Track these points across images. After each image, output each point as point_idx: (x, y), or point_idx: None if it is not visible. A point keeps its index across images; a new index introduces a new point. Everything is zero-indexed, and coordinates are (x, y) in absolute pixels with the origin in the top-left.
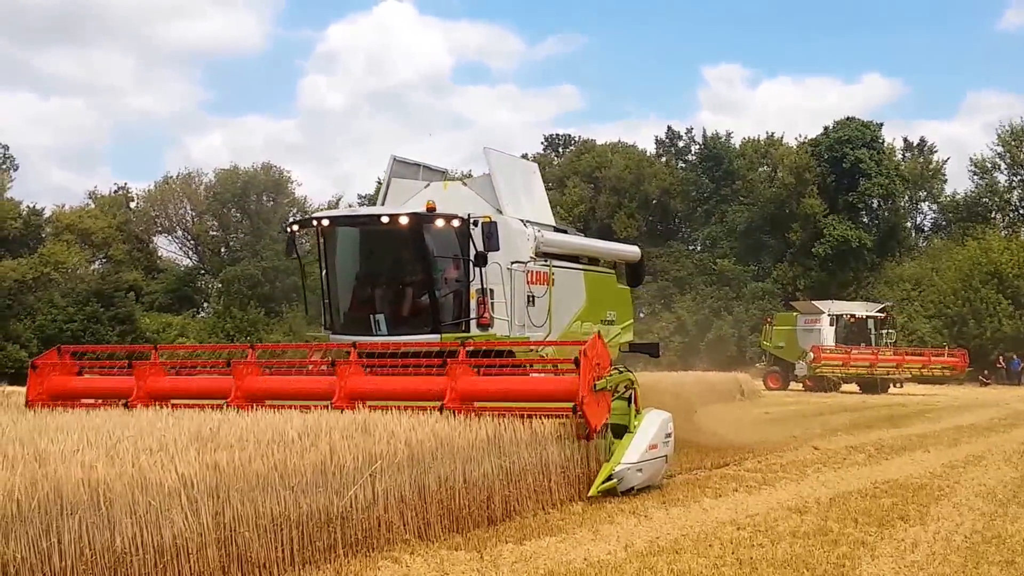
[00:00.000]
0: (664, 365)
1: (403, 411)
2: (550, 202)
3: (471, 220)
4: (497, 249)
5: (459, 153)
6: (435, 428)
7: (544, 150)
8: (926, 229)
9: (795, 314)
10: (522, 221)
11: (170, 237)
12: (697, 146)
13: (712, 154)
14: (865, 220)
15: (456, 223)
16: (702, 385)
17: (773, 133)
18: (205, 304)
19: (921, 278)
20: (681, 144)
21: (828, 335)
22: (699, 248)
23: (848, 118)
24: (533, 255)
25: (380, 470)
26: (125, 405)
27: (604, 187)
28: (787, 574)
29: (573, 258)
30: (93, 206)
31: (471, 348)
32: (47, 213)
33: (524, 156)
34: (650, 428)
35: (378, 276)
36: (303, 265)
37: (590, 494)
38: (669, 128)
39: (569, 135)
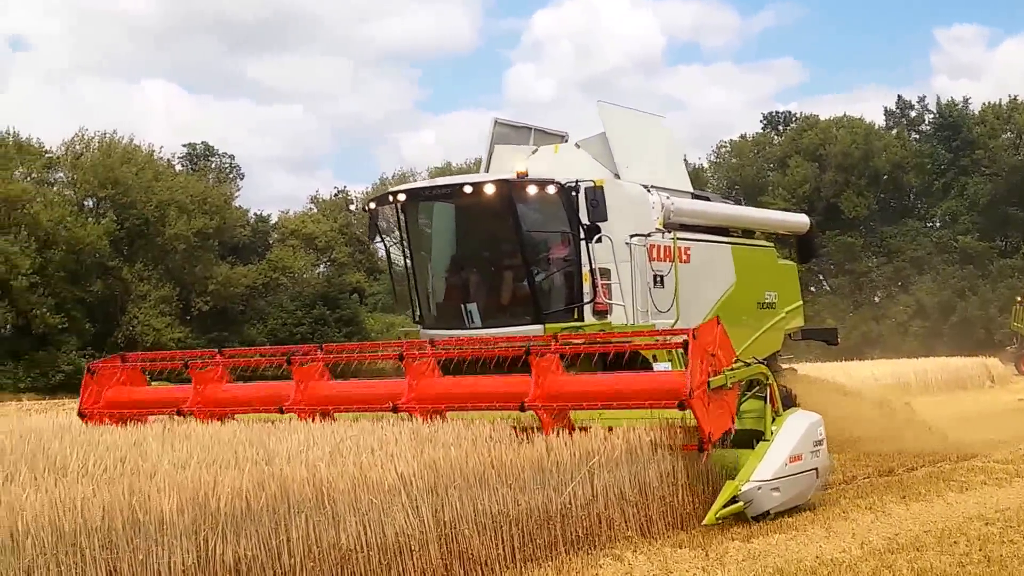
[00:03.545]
0: (904, 352)
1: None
2: (773, 183)
3: (575, 186)
4: (605, 219)
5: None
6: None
7: (763, 129)
8: None
9: None
10: (645, 187)
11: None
12: (931, 115)
13: (948, 123)
14: None
15: (552, 190)
16: (945, 372)
17: (1017, 96)
18: None
19: None
20: (913, 114)
21: None
22: (938, 225)
23: None
24: (660, 227)
25: (598, 466)
26: (179, 413)
27: (829, 164)
28: None
29: (719, 230)
30: (315, 210)
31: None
32: (273, 219)
33: (742, 136)
34: (792, 435)
35: (468, 258)
36: (388, 248)
37: (705, 522)
38: (899, 97)
39: (789, 112)
